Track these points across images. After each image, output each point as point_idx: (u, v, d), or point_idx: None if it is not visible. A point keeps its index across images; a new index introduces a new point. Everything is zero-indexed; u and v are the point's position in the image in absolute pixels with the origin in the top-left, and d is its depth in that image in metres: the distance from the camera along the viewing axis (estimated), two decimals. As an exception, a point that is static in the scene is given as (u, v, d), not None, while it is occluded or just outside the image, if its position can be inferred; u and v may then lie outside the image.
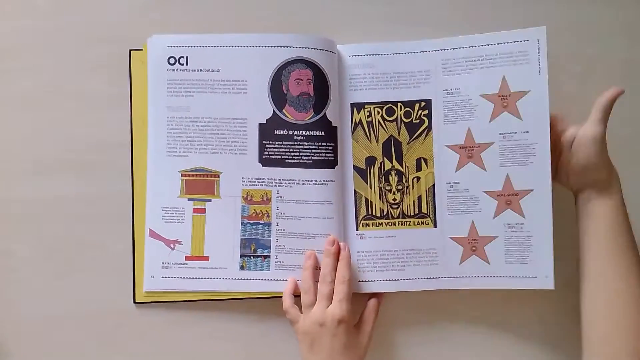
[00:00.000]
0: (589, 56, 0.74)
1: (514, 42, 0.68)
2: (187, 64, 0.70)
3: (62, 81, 0.73)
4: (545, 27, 0.68)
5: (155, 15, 0.73)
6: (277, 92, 0.69)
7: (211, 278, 0.69)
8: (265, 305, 0.70)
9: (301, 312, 0.66)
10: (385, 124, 0.71)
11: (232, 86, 0.70)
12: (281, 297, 0.68)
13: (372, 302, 0.69)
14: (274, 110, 0.69)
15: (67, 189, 0.72)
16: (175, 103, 0.70)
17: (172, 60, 0.70)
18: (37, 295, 0.71)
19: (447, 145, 0.70)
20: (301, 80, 0.69)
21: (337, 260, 0.66)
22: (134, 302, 0.70)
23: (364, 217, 0.70)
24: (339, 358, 0.63)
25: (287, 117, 0.69)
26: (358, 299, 0.68)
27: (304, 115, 0.69)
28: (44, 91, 0.72)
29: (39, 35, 0.73)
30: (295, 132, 0.69)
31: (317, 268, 0.68)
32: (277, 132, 0.69)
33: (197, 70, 0.70)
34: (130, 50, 0.72)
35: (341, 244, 0.67)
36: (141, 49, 0.72)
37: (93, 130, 0.72)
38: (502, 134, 0.69)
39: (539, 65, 0.68)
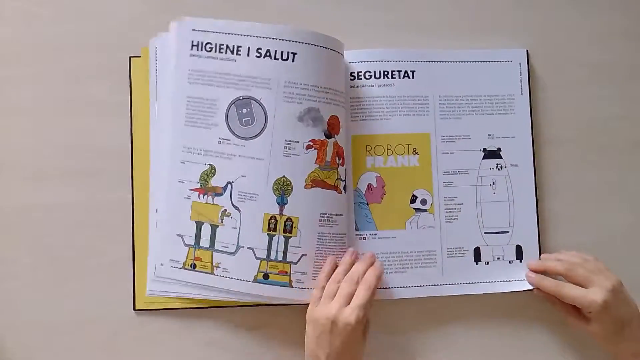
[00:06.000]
0: (593, 60, 0.77)
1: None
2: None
3: (61, 88, 0.72)
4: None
5: (155, 23, 0.72)
6: None
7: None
8: (265, 312, 0.71)
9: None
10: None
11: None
12: (286, 305, 0.69)
13: None
14: None
15: (67, 197, 0.71)
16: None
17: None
18: (37, 302, 0.70)
19: None
20: None
21: (368, 268, 0.67)
22: (134, 309, 0.70)
23: None
24: (341, 356, 0.63)
25: None
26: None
27: None
28: (46, 99, 0.72)
29: (38, 43, 0.72)
30: None
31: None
32: None
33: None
34: (130, 58, 0.72)
35: (378, 261, 0.69)
36: (140, 56, 0.72)
37: (93, 137, 0.72)
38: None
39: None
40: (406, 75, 0.74)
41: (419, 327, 0.72)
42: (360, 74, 0.73)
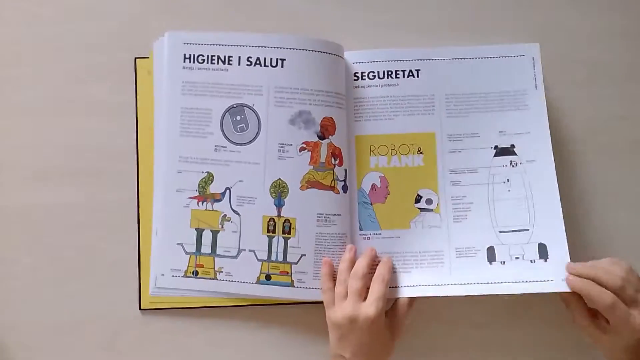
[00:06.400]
0: (593, 60, 0.76)
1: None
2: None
3: (62, 88, 0.73)
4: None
5: (156, 23, 0.73)
6: None
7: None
8: (270, 312, 0.71)
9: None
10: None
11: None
12: (289, 304, 0.70)
13: (404, 300, 0.68)
14: None
15: (67, 197, 0.72)
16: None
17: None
18: (38, 302, 0.71)
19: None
20: None
21: (371, 262, 0.67)
22: (140, 308, 0.70)
23: None
24: (368, 353, 0.64)
25: None
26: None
27: None
28: (47, 99, 0.73)
29: (41, 43, 0.73)
30: None
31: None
32: None
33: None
34: (135, 59, 0.73)
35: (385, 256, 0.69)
36: (147, 57, 0.72)
37: (93, 137, 0.73)
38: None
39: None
40: (411, 74, 0.73)
41: (424, 326, 0.72)
42: (364, 74, 0.73)
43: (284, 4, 0.75)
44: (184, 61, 0.71)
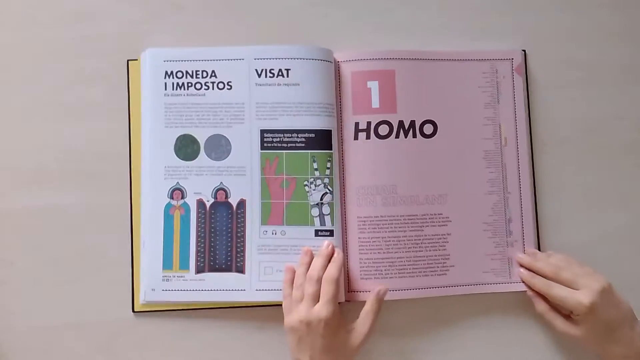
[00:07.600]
0: (589, 61, 0.77)
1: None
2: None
3: (60, 91, 0.73)
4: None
5: (152, 27, 0.73)
6: None
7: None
8: (266, 313, 0.71)
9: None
10: None
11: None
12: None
13: (369, 302, 0.67)
14: None
15: (66, 199, 0.71)
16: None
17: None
18: (36, 305, 0.70)
19: None
20: None
21: (327, 261, 0.67)
22: (133, 311, 0.70)
23: None
24: (325, 357, 0.64)
25: None
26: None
27: None
28: (43, 102, 0.73)
29: (37, 47, 0.73)
30: None
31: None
32: None
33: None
34: (128, 61, 0.73)
35: (336, 248, 0.68)
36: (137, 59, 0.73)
37: (91, 140, 0.72)
38: None
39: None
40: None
41: (425, 326, 0.73)
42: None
43: (275, 9, 0.75)
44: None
